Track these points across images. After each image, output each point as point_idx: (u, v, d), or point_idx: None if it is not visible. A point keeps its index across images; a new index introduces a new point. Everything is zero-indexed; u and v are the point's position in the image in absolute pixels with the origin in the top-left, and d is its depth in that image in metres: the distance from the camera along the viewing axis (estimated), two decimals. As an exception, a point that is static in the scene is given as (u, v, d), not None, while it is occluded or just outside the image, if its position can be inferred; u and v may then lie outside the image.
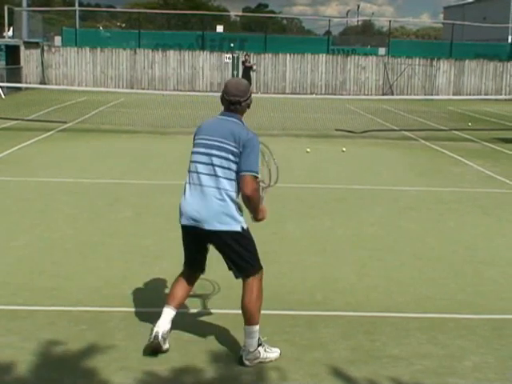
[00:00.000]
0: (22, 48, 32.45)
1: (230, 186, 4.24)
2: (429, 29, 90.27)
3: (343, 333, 4.81)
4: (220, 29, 37.71)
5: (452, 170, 12.21)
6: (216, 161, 4.22)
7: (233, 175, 4.22)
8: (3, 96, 25.98)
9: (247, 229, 4.38)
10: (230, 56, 33.94)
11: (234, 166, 4.20)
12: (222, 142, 4.21)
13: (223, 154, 4.20)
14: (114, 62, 34.29)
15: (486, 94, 35.31)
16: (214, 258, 4.92)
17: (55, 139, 14.84)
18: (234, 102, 4.30)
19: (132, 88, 33.25)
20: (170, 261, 6.03)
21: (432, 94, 34.56)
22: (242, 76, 28.89)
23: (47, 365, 4.22)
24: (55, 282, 5.73)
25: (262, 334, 4.62)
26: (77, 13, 40.35)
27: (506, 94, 34.89)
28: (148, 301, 5.30)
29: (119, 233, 7.38)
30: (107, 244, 6.94)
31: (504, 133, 18.81)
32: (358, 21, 70.01)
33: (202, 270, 4.58)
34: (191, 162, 4.35)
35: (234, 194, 4.27)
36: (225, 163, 4.20)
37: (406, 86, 35.70)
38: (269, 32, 40.76)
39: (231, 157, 4.19)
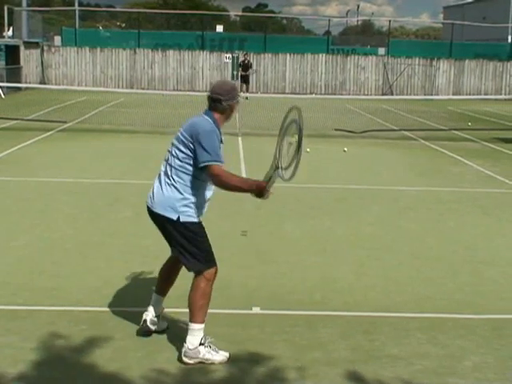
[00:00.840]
0: (22, 48, 32.44)
1: (178, 177, 4.31)
2: (428, 29, 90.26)
3: (342, 333, 4.82)
4: (220, 29, 37.69)
5: (452, 170, 12.21)
6: (173, 151, 4.36)
7: (185, 166, 4.29)
8: (3, 96, 25.98)
9: (195, 224, 4.39)
10: (230, 56, 33.91)
11: (187, 159, 4.29)
12: (181, 135, 4.34)
13: (179, 145, 4.32)
14: (114, 62, 34.28)
15: (485, 94, 35.30)
16: (215, 258, 4.93)
17: (55, 139, 14.85)
18: (215, 100, 4.39)
19: (132, 88, 33.24)
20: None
21: (432, 94, 34.56)
22: (242, 77, 28.89)
23: (47, 364, 4.22)
24: (55, 281, 5.73)
25: (263, 333, 4.63)
26: (76, 13, 40.35)
27: (505, 94, 34.89)
28: (148, 301, 5.30)
29: (119, 233, 7.39)
30: (107, 244, 6.95)
31: (504, 133, 18.82)
32: (357, 21, 69.94)
33: None
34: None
35: (179, 185, 4.32)
36: (179, 154, 4.31)
37: (406, 85, 35.69)
38: (268, 32, 40.75)
39: (182, 148, 4.29)
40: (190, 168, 4.29)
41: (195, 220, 4.40)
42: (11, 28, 33.59)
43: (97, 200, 8.92)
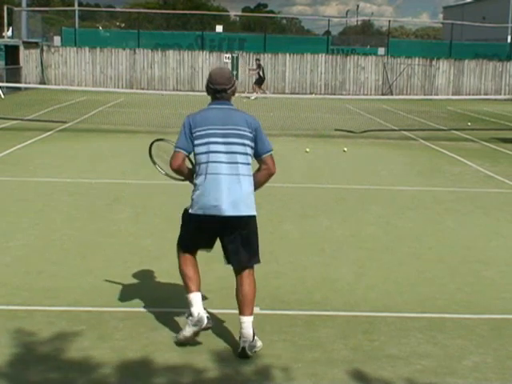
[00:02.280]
0: (22, 48, 32.45)
1: (248, 172, 4.42)
2: (428, 29, 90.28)
3: (342, 333, 4.82)
4: (219, 29, 37.68)
5: (451, 170, 12.22)
6: (237, 148, 4.36)
7: (249, 160, 4.43)
8: (3, 96, 25.98)
9: None
10: (230, 56, 33.92)
11: (250, 151, 4.42)
12: (239, 130, 4.37)
13: (243, 140, 4.37)
14: (114, 62, 34.29)
15: (485, 94, 35.31)
16: (215, 258, 4.92)
17: (55, 139, 14.85)
18: (220, 90, 4.43)
19: (131, 88, 33.24)
20: (170, 261, 6.02)
21: (431, 94, 34.59)
22: (259, 77, 28.90)
23: (46, 365, 4.21)
24: (54, 281, 5.73)
25: (263, 333, 4.63)
26: (76, 13, 40.36)
27: (505, 94, 34.90)
28: (148, 301, 5.30)
29: (118, 233, 7.38)
30: (106, 244, 6.95)
31: (503, 133, 18.82)
32: (357, 21, 70.05)
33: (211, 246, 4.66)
34: (205, 153, 4.37)
35: (251, 179, 4.43)
36: (243, 150, 4.38)
37: (406, 85, 35.71)
38: (268, 32, 40.79)
39: (248, 142, 4.39)
40: (250, 159, 4.44)
41: None
42: (11, 28, 33.63)
43: (96, 200, 8.92)
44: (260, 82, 29.22)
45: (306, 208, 8.84)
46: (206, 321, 4.39)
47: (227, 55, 33.88)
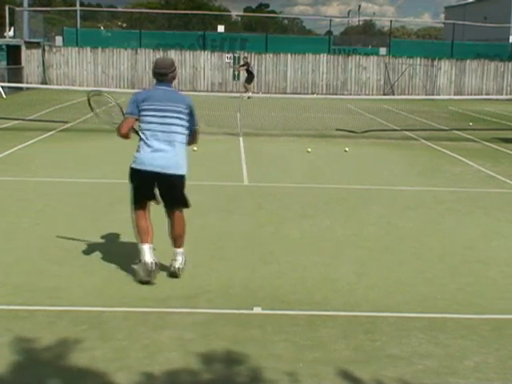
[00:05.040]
0: (23, 48, 32.48)
1: (182, 140, 5.72)
2: (430, 29, 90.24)
3: (343, 332, 4.81)
4: (221, 29, 37.68)
5: (452, 170, 12.21)
6: (174, 121, 5.67)
7: (184, 130, 5.72)
8: (4, 96, 25.98)
9: None
10: (231, 56, 33.95)
11: (186, 124, 5.72)
12: (177, 106, 5.69)
13: (180, 115, 5.69)
14: (115, 62, 34.30)
15: (487, 94, 35.28)
16: (216, 258, 4.93)
17: (56, 139, 14.85)
18: (163, 74, 5.75)
19: (133, 88, 33.18)
20: (170, 261, 6.02)
21: (433, 94, 34.58)
22: (247, 77, 28.85)
23: (47, 364, 4.22)
24: (55, 281, 5.73)
25: (264, 333, 4.63)
26: (78, 13, 40.35)
27: (507, 94, 34.88)
28: (149, 301, 5.30)
29: (119, 233, 7.38)
30: (108, 244, 6.95)
31: (505, 133, 18.80)
32: (359, 21, 70.06)
33: (154, 197, 5.95)
34: (147, 122, 5.73)
35: (185, 146, 5.77)
36: (179, 122, 5.69)
37: (407, 85, 35.69)
38: (270, 32, 40.77)
39: (184, 116, 5.71)
40: (186, 130, 5.75)
41: None
42: (12, 28, 33.65)
43: (97, 200, 8.92)
44: (250, 79, 29.13)
45: (306, 208, 8.83)
46: (152, 266, 5.58)
47: (229, 55, 33.93)
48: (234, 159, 12.63)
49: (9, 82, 27.92)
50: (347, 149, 14.18)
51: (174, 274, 5.76)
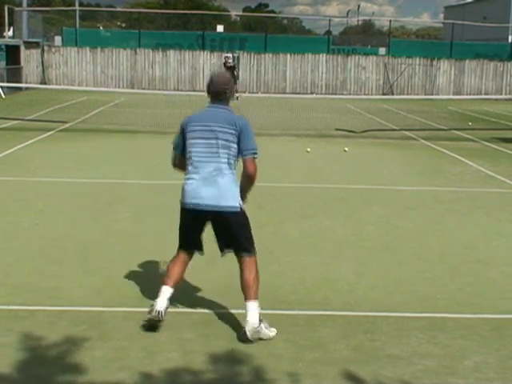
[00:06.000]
0: (23, 48, 32.45)
1: (232, 168, 4.64)
2: (429, 29, 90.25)
3: (343, 332, 4.81)
4: (220, 29, 37.68)
5: (452, 170, 12.21)
6: (220, 144, 4.57)
7: (232, 157, 4.63)
8: (3, 96, 25.98)
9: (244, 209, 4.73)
10: (231, 56, 33.91)
11: (234, 148, 4.59)
12: (222, 127, 4.57)
13: (225, 137, 4.56)
14: (115, 62, 34.29)
15: (486, 94, 35.28)
16: (215, 258, 4.93)
17: (55, 139, 14.85)
18: (221, 92, 4.68)
19: (132, 88, 33.24)
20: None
21: (432, 94, 34.57)
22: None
23: (47, 364, 4.22)
24: (55, 281, 5.73)
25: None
26: (77, 13, 40.34)
27: (506, 94, 34.87)
28: (148, 301, 5.30)
29: (119, 233, 7.38)
30: (107, 244, 6.95)
31: (504, 132, 18.81)
32: (358, 20, 69.99)
33: (200, 248, 4.90)
34: (192, 150, 4.66)
35: (234, 174, 4.67)
36: (226, 145, 4.57)
37: (407, 85, 35.69)
38: (269, 32, 40.74)
39: (231, 138, 4.57)
40: (235, 157, 4.64)
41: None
42: (12, 28, 33.61)
43: (97, 200, 8.92)
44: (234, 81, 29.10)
45: (306, 208, 8.83)
46: (154, 313, 4.66)
47: (228, 55, 33.86)
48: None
49: (8, 82, 27.90)
50: (346, 149, 14.19)
51: (241, 339, 4.60)
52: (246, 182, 4.68)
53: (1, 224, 7.63)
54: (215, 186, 4.55)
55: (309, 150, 13.92)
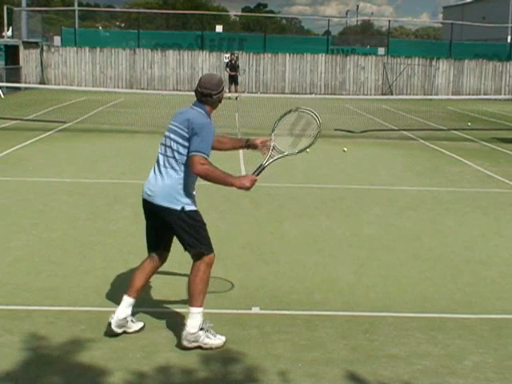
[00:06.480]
0: (22, 48, 32.44)
1: (177, 167, 4.52)
2: (428, 29, 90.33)
3: (342, 332, 4.81)
4: (219, 29, 37.66)
5: (451, 170, 12.21)
6: (171, 143, 4.57)
7: (182, 158, 4.51)
8: (2, 96, 25.97)
9: (196, 211, 4.59)
10: (230, 56, 33.91)
11: (182, 149, 4.50)
12: (177, 127, 4.55)
13: (177, 137, 4.53)
14: (114, 62, 34.27)
15: (485, 94, 35.30)
16: (217, 258, 4.91)
17: (55, 139, 14.84)
18: (206, 94, 4.59)
19: (131, 88, 33.23)
20: (169, 261, 6.01)
21: (431, 94, 34.56)
22: (230, 77, 28.83)
23: (46, 364, 4.21)
24: (54, 281, 5.73)
25: (263, 333, 4.63)
26: (76, 13, 40.31)
27: (505, 94, 34.89)
28: (147, 301, 5.30)
29: (118, 233, 7.38)
30: (106, 244, 6.94)
31: (503, 133, 18.82)
32: (357, 21, 70.10)
33: (167, 249, 4.80)
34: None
35: (180, 175, 4.51)
36: (179, 146, 4.51)
37: (406, 85, 35.69)
38: (268, 32, 40.76)
39: (181, 140, 4.51)
40: (185, 158, 4.51)
41: (195, 208, 4.59)
42: (11, 28, 33.60)
43: (96, 200, 8.92)
44: (235, 81, 29.21)
45: (305, 208, 8.83)
46: (108, 325, 4.58)
47: (227, 55, 33.87)
48: (232, 159, 12.62)
49: (7, 81, 27.88)
50: (345, 149, 14.19)
51: (179, 346, 4.50)
52: (204, 179, 4.54)
53: (0, 224, 7.61)
54: (157, 182, 4.54)
55: (308, 150, 13.90)
